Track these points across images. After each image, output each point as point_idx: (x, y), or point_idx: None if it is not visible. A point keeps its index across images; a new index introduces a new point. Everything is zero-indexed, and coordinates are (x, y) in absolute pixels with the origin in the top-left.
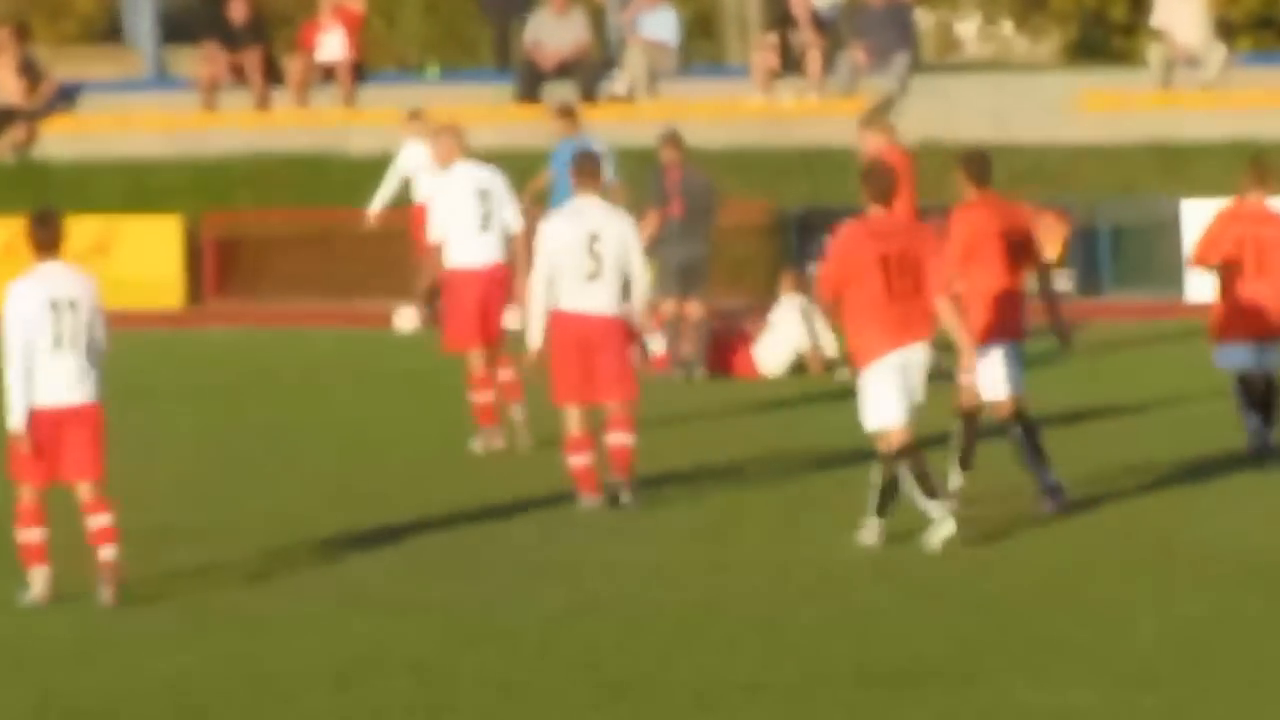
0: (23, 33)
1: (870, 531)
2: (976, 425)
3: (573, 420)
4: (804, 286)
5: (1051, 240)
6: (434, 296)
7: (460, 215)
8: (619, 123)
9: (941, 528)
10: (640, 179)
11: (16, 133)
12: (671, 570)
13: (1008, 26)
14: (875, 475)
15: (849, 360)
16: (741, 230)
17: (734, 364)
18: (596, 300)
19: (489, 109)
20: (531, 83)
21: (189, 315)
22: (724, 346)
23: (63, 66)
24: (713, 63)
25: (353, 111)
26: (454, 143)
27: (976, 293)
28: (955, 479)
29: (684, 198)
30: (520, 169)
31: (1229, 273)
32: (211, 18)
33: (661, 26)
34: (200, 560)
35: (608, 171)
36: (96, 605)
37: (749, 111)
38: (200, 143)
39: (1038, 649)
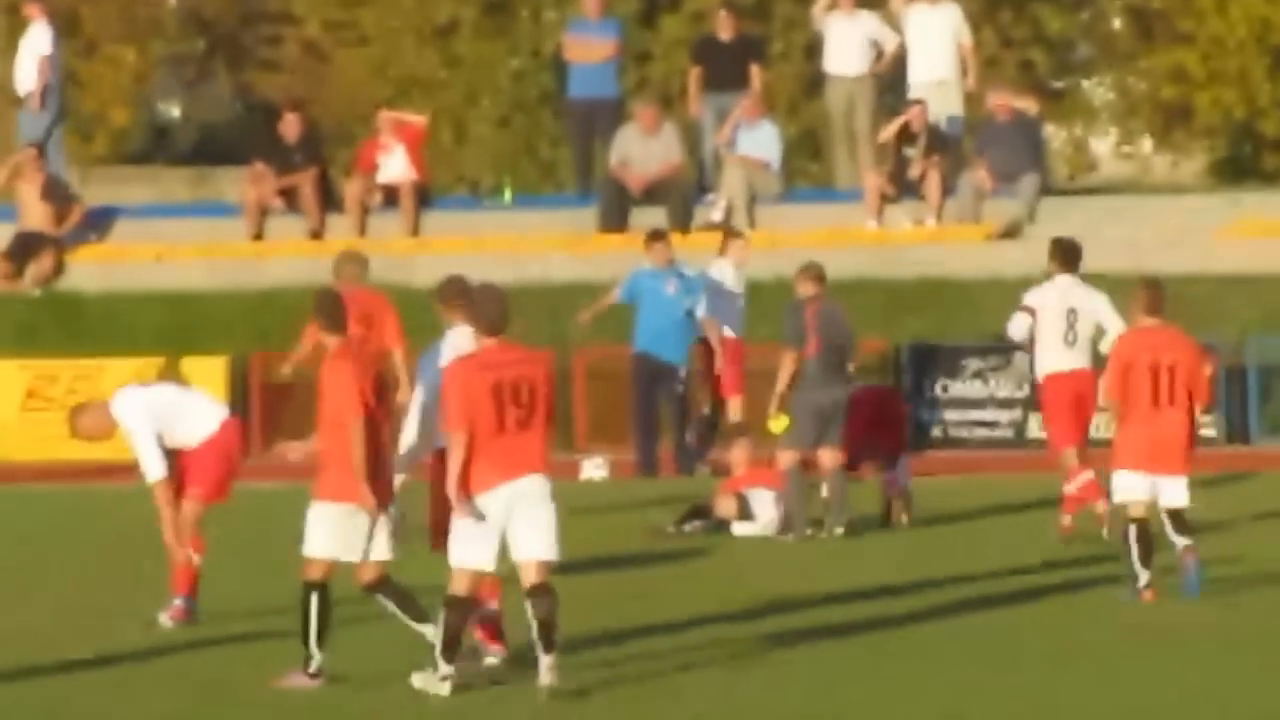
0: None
1: (439, 677)
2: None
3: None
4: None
5: None
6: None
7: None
8: (715, 252)
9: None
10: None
11: (43, 263)
12: None
13: (1147, 144)
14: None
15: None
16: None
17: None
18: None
19: (569, 237)
20: (617, 208)
21: None
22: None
23: (94, 189)
24: (819, 185)
25: (417, 239)
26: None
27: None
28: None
29: (820, 336)
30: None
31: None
32: (261, 135)
33: (762, 143)
34: None
35: (700, 305)
36: None
37: (860, 239)
38: (248, 274)
39: None
